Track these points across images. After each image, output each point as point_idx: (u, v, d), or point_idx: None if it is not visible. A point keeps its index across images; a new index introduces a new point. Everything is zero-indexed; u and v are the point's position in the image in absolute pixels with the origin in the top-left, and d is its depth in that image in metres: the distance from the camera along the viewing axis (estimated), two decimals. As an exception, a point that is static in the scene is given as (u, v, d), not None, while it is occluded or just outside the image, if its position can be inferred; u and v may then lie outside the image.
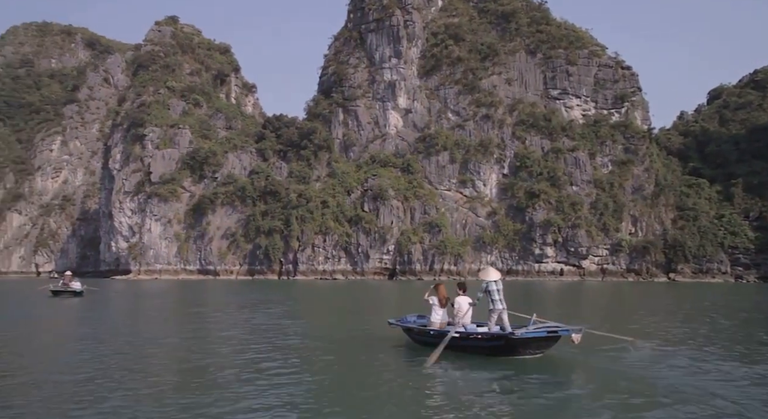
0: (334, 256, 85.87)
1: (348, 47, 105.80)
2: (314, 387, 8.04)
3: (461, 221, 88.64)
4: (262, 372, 8.91)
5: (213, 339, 13.50)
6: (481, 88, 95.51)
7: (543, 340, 9.97)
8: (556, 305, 28.23)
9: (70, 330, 16.52)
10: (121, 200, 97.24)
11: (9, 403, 7.31)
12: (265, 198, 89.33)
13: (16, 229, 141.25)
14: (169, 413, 6.60)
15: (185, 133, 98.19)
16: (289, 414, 6.63)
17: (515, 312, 11.47)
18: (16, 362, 10.43)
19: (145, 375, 8.84)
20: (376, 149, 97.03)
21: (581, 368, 9.69)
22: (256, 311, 21.42)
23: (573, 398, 7.58)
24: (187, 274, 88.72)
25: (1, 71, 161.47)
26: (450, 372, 9.16)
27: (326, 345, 12.02)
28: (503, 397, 7.50)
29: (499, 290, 10.31)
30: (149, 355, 10.93)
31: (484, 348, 10.19)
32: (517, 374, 8.80)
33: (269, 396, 7.36)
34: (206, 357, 10.56)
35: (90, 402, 7.19)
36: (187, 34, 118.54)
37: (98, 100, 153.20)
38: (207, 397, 7.31)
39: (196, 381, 8.46)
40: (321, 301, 31.65)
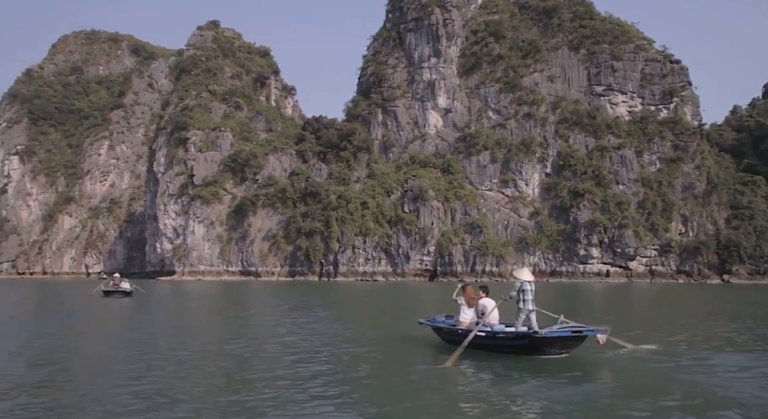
0: (374, 257, 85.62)
1: (386, 47, 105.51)
2: (347, 385, 8.39)
3: (503, 222, 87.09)
4: (305, 370, 9.44)
5: (261, 339, 13.69)
6: (523, 86, 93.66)
7: (568, 340, 10.09)
8: (603, 308, 27.20)
9: (124, 330, 16.68)
10: (166, 202, 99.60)
11: (71, 396, 7.81)
12: (305, 200, 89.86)
13: (67, 231, 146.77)
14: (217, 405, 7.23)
15: (227, 136, 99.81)
16: (323, 407, 7.07)
17: (544, 310, 11.61)
18: (78, 360, 11.20)
19: (199, 374, 9.31)
20: (416, 149, 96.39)
21: (606, 368, 9.76)
22: (300, 313, 21.41)
23: (596, 398, 7.62)
24: (230, 275, 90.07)
25: (53, 79, 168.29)
26: (475, 370, 9.45)
27: (363, 345, 12.43)
28: (526, 396, 7.63)
29: (532, 290, 10.58)
30: (203, 355, 11.29)
31: (509, 347, 10.43)
32: (542, 373, 8.94)
33: (308, 392, 7.85)
34: (255, 356, 11.04)
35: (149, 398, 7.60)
36: (228, 38, 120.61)
37: (143, 105, 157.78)
38: (252, 394, 7.76)
39: (245, 376, 9.05)
40: (361, 303, 31.42)
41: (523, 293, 10.50)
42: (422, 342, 12.53)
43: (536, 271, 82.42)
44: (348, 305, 28.90)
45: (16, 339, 13.60)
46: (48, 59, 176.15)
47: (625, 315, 22.96)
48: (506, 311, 11.26)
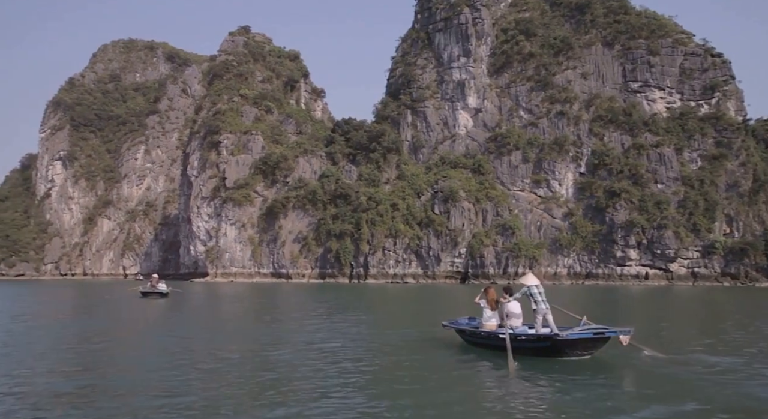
0: (405, 259, 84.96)
1: (415, 48, 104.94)
2: (372, 384, 8.67)
3: (536, 223, 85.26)
4: (335, 369, 9.70)
5: (302, 346, 13.42)
6: (555, 84, 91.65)
7: (590, 341, 10.14)
8: (639, 311, 25.95)
9: (164, 335, 16.54)
10: (199, 205, 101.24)
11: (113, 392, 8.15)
12: (336, 202, 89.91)
13: (105, 233, 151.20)
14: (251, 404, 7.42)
15: (257, 139, 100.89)
16: (347, 400, 7.47)
17: (568, 311, 11.72)
18: (119, 358, 11.55)
19: (243, 385, 8.98)
20: (446, 150, 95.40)
21: (627, 370, 9.78)
22: (338, 318, 21.19)
23: (617, 399, 7.67)
24: (261, 277, 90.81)
25: (93, 87, 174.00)
26: (498, 372, 9.55)
27: (390, 347, 12.51)
28: (548, 398, 7.75)
29: (541, 292, 10.85)
30: (246, 363, 10.81)
31: (531, 349, 10.57)
32: (563, 374, 9.00)
33: (336, 388, 8.16)
34: (300, 364, 10.74)
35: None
36: (258, 42, 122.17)
37: (177, 111, 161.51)
38: (296, 406, 7.58)
39: (289, 386, 8.86)
40: (395, 306, 30.90)
41: (532, 296, 10.80)
42: (446, 343, 12.52)
43: (571, 273, 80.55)
44: (382, 308, 28.44)
45: (59, 342, 13.77)
46: (89, 68, 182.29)
47: (664, 318, 21.76)
48: (529, 314, 11.33)
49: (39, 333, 16.36)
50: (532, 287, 10.88)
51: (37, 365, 10.38)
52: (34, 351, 12.04)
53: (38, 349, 12.41)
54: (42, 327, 18.29)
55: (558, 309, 11.47)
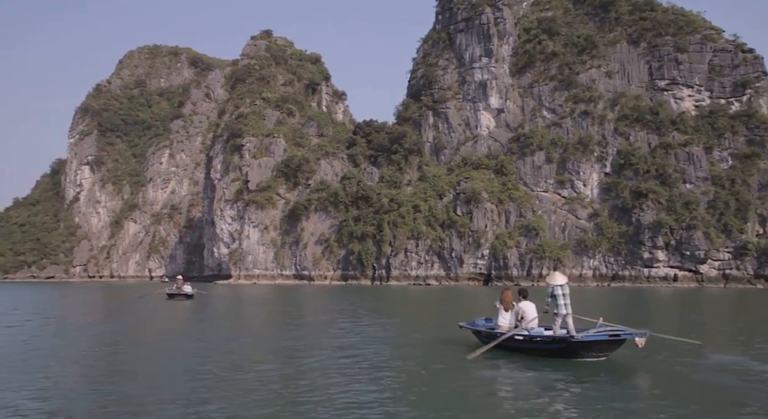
0: (427, 261, 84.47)
1: (437, 49, 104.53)
2: (392, 384, 8.79)
3: (560, 224, 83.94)
4: (358, 371, 9.83)
5: (332, 351, 13.33)
6: (579, 84, 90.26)
7: (605, 343, 10.23)
8: (667, 314, 25.14)
9: (191, 339, 16.64)
10: (222, 208, 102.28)
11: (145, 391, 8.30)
12: (357, 203, 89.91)
13: (132, 236, 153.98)
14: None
15: (279, 142, 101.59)
16: (369, 401, 7.59)
17: (582, 316, 11.69)
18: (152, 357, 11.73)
19: (275, 394, 8.76)
20: (468, 151, 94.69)
21: (642, 372, 9.83)
22: (366, 321, 21.04)
23: (630, 401, 7.64)
24: (284, 279, 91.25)
25: (119, 93, 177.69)
26: (513, 373, 9.70)
27: (408, 348, 12.82)
28: (562, 399, 7.79)
29: (566, 294, 10.78)
30: (277, 370, 10.59)
31: (547, 350, 10.63)
32: (578, 376, 9.08)
33: (357, 390, 8.23)
34: (324, 362, 10.93)
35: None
36: (280, 46, 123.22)
37: (200, 115, 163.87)
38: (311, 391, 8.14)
39: (306, 370, 9.59)
40: (417, 307, 30.64)
41: (556, 297, 10.76)
42: (465, 344, 12.50)
43: (596, 275, 79.08)
44: (408, 310, 28.20)
45: (89, 345, 13.76)
46: (115, 74, 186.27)
47: (694, 322, 21.02)
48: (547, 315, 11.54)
49: (69, 335, 16.51)
50: (557, 288, 10.85)
51: (64, 371, 10.09)
52: (63, 355, 11.92)
53: (66, 353, 12.34)
54: (72, 329, 18.47)
55: (576, 317, 11.38)
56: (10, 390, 8.22)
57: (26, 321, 20.88)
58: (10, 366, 10.35)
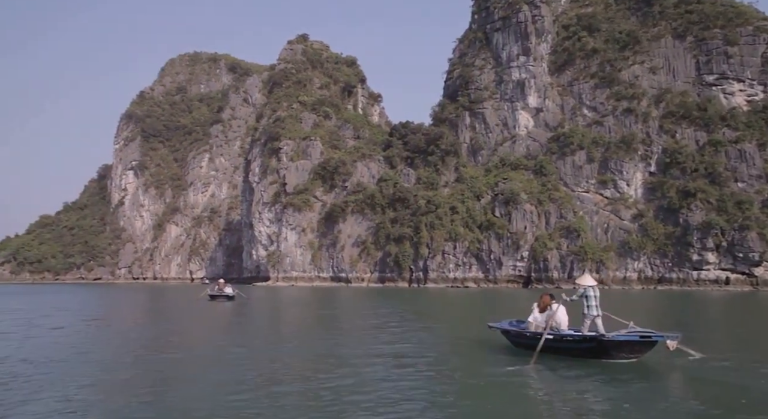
0: (465, 263, 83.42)
1: (473, 49, 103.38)
2: (424, 382, 8.97)
3: (602, 225, 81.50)
4: (392, 371, 9.99)
5: (370, 348, 13.35)
6: (621, 80, 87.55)
7: (636, 345, 10.23)
8: (714, 319, 23.71)
9: (237, 343, 16.69)
10: (260, 210, 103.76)
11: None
12: (394, 205, 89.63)
13: (173, 239, 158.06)
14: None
15: (316, 144, 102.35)
16: (406, 399, 7.72)
17: (615, 316, 11.81)
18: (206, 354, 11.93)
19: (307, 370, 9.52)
20: (506, 151, 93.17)
21: (675, 374, 9.78)
22: (410, 324, 20.67)
23: (660, 402, 7.62)
24: (321, 281, 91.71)
25: (161, 99, 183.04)
26: (543, 372, 9.72)
27: (444, 349, 12.95)
28: (592, 398, 7.87)
29: (596, 296, 10.92)
30: (323, 370, 10.50)
31: (576, 349, 10.73)
32: (608, 376, 9.15)
33: (393, 389, 8.35)
34: (377, 372, 10.62)
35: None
36: (316, 50, 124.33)
37: (239, 119, 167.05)
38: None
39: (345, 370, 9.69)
40: (459, 310, 30.06)
41: (587, 299, 10.87)
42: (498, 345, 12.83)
43: (642, 278, 76.41)
44: (452, 314, 27.63)
45: (134, 348, 13.70)
46: (158, 81, 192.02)
47: (744, 327, 19.70)
48: (575, 318, 11.57)
49: (115, 338, 16.62)
50: (588, 289, 10.95)
51: (106, 377, 9.73)
52: (106, 360, 11.55)
53: (110, 357, 12.07)
54: (118, 332, 18.69)
55: (607, 316, 11.49)
56: (52, 399, 7.89)
57: (84, 322, 21.37)
58: (52, 371, 10.24)
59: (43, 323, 20.05)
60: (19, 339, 14.42)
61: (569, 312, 11.80)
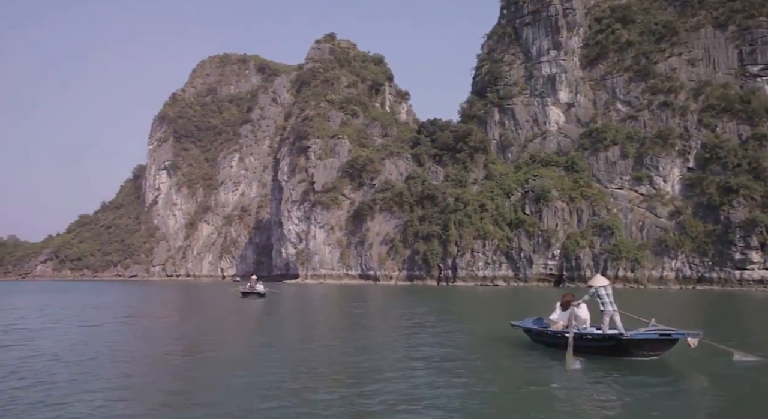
0: (495, 261, 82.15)
1: (502, 44, 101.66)
2: (448, 378, 8.94)
3: (637, 223, 79.04)
4: (421, 367, 9.95)
5: (388, 339, 13.43)
6: (657, 73, 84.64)
7: (656, 342, 10.28)
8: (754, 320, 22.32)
9: (270, 341, 16.79)
10: (289, 209, 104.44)
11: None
12: (422, 203, 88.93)
13: (205, 237, 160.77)
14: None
15: (344, 143, 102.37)
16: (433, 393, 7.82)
17: (634, 315, 11.80)
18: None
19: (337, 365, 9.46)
20: (536, 148, 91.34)
21: (696, 372, 9.80)
22: (442, 321, 20.39)
23: (683, 399, 7.68)
24: (349, 279, 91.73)
25: (193, 101, 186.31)
26: (564, 369, 9.72)
27: (470, 346, 13.11)
28: (614, 396, 7.84)
29: (609, 294, 11.10)
30: (368, 375, 10.29)
31: (597, 348, 10.88)
32: (632, 373, 9.21)
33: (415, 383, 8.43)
34: (387, 350, 11.62)
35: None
36: (343, 48, 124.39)
37: (268, 119, 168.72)
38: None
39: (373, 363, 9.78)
40: (490, 309, 29.27)
41: (600, 297, 11.07)
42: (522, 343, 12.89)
43: (680, 277, 73.80)
44: (485, 313, 26.89)
45: (170, 345, 13.52)
46: (189, 83, 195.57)
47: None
48: (596, 317, 11.64)
49: (152, 335, 16.59)
50: (600, 288, 11.14)
51: (134, 379, 9.29)
52: (137, 358, 11.30)
53: (142, 354, 11.90)
54: (154, 329, 18.70)
55: (627, 315, 11.58)
56: (80, 401, 7.64)
57: (120, 319, 21.53)
58: (80, 369, 10.16)
59: (78, 320, 20.25)
60: (53, 336, 14.35)
61: (590, 311, 11.97)
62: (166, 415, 6.91)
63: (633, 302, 33.13)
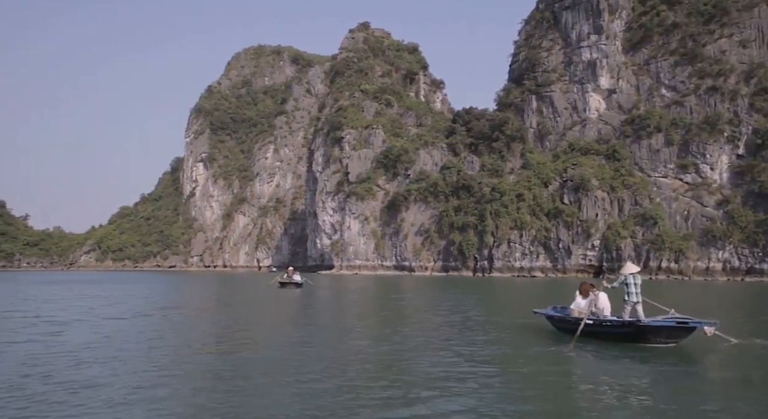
0: (532, 252, 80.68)
1: (540, 30, 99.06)
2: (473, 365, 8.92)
3: (682, 212, 76.23)
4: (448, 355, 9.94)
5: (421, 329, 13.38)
6: (705, 56, 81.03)
7: (673, 330, 10.55)
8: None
9: (311, 331, 16.85)
10: (324, 199, 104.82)
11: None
12: (458, 193, 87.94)
13: (241, 228, 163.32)
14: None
15: (378, 133, 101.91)
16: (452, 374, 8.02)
17: (655, 303, 12.28)
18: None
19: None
20: (575, 136, 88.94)
21: (712, 359, 9.87)
22: (492, 315, 19.82)
23: (696, 384, 7.84)
24: (384, 270, 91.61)
25: (228, 93, 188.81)
26: (585, 355, 10.04)
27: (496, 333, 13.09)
28: (627, 379, 7.97)
29: (637, 284, 11.26)
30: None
31: (615, 334, 11.15)
32: (648, 359, 9.47)
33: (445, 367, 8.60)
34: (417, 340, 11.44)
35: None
36: (377, 37, 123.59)
37: (302, 110, 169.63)
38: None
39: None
40: (531, 301, 28.45)
41: (628, 286, 11.24)
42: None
43: (727, 268, 70.96)
44: (527, 305, 26.17)
45: (211, 337, 13.13)
46: (224, 75, 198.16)
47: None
48: (618, 306, 11.85)
49: (194, 327, 16.60)
50: (629, 277, 11.29)
51: (166, 379, 8.04)
52: (175, 355, 10.20)
53: (178, 351, 11.06)
54: (197, 321, 18.76)
55: (648, 302, 11.84)
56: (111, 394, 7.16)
57: (164, 310, 21.79)
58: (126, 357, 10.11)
59: (116, 312, 20.54)
60: (89, 328, 14.00)
61: (612, 300, 12.22)
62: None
63: (677, 294, 31.80)
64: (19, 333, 12.65)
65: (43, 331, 13.01)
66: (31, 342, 11.37)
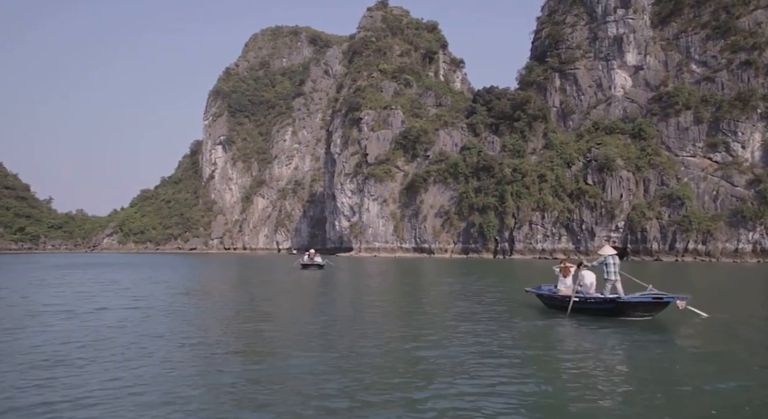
0: (554, 234, 79.25)
1: (564, 5, 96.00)
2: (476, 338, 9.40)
3: (710, 192, 73.86)
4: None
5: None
6: (739, 29, 77.62)
7: (649, 305, 11.55)
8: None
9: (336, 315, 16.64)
10: (342, 181, 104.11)
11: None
12: (478, 174, 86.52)
13: (260, 211, 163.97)
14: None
15: (397, 113, 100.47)
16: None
17: (635, 279, 13.71)
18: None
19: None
20: (600, 114, 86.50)
21: (682, 328, 10.89)
22: (470, 288, 19.82)
23: (665, 349, 8.79)
24: (403, 252, 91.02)
25: (246, 75, 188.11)
26: (571, 328, 10.93)
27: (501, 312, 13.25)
28: (614, 349, 8.97)
29: (616, 263, 12.27)
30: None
31: (599, 310, 12.16)
32: (627, 331, 10.44)
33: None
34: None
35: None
36: (396, 16, 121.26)
37: (320, 92, 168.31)
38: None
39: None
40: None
41: (607, 266, 12.22)
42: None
43: (757, 250, 68.77)
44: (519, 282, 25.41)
45: (241, 320, 13.22)
46: (242, 57, 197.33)
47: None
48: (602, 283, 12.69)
49: (218, 314, 16.16)
50: (608, 258, 12.28)
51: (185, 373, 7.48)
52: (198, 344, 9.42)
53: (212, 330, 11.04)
54: (223, 306, 18.34)
55: (627, 277, 12.89)
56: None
57: (187, 295, 21.46)
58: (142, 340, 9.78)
59: (140, 294, 20.24)
60: (110, 313, 13.58)
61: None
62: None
63: (704, 278, 30.46)
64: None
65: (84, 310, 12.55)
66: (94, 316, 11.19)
